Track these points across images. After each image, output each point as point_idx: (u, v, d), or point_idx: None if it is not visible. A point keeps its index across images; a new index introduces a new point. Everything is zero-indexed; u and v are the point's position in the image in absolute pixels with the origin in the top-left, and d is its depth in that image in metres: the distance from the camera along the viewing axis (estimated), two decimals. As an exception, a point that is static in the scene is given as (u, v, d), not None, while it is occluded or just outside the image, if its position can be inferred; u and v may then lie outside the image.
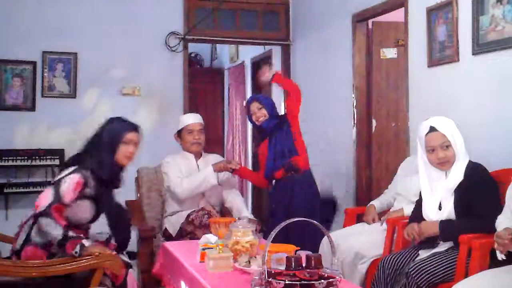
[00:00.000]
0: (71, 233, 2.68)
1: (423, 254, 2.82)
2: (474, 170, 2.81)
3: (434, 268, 2.63)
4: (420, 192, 3.00)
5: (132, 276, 2.98)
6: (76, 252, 2.64)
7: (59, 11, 5.16)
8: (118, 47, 5.30)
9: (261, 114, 3.87)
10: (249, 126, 7.40)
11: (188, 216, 3.75)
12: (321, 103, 5.25)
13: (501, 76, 3.17)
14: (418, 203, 3.03)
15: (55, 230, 2.64)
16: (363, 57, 4.72)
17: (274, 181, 3.94)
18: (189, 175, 3.91)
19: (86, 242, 2.69)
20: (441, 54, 3.63)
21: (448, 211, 2.79)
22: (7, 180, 4.95)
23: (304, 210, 3.67)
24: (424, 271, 2.61)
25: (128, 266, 2.87)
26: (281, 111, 6.04)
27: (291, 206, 3.77)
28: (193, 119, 4.03)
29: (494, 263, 2.53)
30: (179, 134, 4.02)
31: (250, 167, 7.41)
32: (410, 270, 2.62)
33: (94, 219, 2.95)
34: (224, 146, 8.31)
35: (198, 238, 3.11)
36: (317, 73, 5.35)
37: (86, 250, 2.65)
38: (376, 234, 3.35)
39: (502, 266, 2.39)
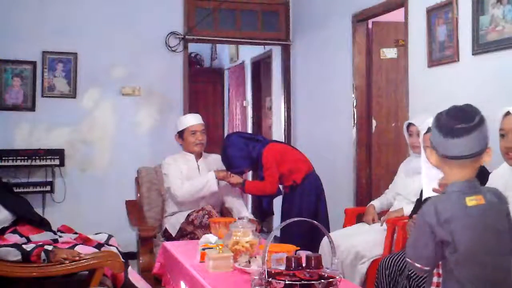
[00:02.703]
0: (25, 247, 2.67)
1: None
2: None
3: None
4: (421, 191, 3.01)
5: (135, 273, 2.98)
6: (44, 260, 2.63)
7: (59, 11, 5.16)
8: (118, 47, 5.30)
9: (247, 170, 4.22)
10: (249, 126, 7.40)
11: (188, 216, 3.75)
12: (321, 103, 5.25)
13: (501, 76, 3.17)
14: (419, 202, 3.04)
15: (11, 255, 2.63)
16: (363, 57, 4.71)
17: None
18: (190, 175, 3.91)
19: (48, 247, 2.69)
20: (441, 54, 3.63)
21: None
22: (7, 180, 4.93)
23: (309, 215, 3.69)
24: (425, 272, 2.60)
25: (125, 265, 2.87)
26: (281, 111, 6.06)
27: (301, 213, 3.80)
28: (196, 120, 4.02)
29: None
30: (180, 134, 4.02)
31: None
32: (410, 273, 2.62)
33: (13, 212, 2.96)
34: (224, 146, 8.30)
35: (198, 238, 3.11)
36: (317, 73, 5.35)
37: (53, 255, 2.65)
38: (376, 234, 3.35)
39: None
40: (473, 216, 1.74)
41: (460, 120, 1.77)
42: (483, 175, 2.81)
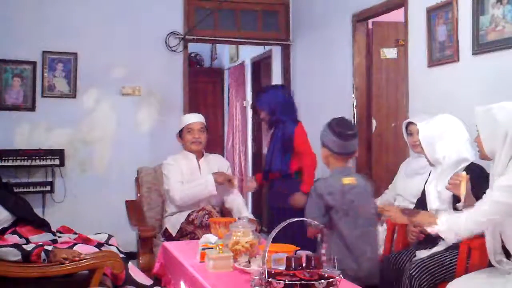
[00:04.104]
0: (25, 247, 2.67)
1: (421, 254, 2.81)
2: (472, 172, 2.80)
3: (435, 269, 2.63)
4: (422, 191, 3.02)
5: (135, 268, 2.98)
6: (44, 260, 2.63)
7: (59, 11, 5.16)
8: (118, 47, 5.30)
9: (264, 115, 4.14)
10: (249, 126, 7.40)
11: (188, 216, 3.75)
12: (321, 103, 5.25)
13: (501, 76, 3.16)
14: (418, 202, 3.04)
15: (11, 255, 2.62)
16: (363, 57, 4.72)
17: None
18: (190, 175, 3.90)
19: (48, 247, 2.69)
20: (441, 54, 3.63)
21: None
22: (7, 180, 4.92)
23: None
24: (426, 272, 2.61)
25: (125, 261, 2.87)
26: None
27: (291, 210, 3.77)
28: (194, 119, 4.03)
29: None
30: (180, 133, 4.02)
31: (250, 167, 7.42)
32: (411, 272, 2.62)
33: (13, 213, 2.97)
34: (224, 146, 8.31)
35: (198, 238, 3.11)
36: (317, 73, 5.35)
37: (53, 255, 2.64)
38: (376, 234, 3.36)
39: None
40: (346, 190, 2.69)
41: (349, 128, 2.76)
42: (483, 175, 2.82)
